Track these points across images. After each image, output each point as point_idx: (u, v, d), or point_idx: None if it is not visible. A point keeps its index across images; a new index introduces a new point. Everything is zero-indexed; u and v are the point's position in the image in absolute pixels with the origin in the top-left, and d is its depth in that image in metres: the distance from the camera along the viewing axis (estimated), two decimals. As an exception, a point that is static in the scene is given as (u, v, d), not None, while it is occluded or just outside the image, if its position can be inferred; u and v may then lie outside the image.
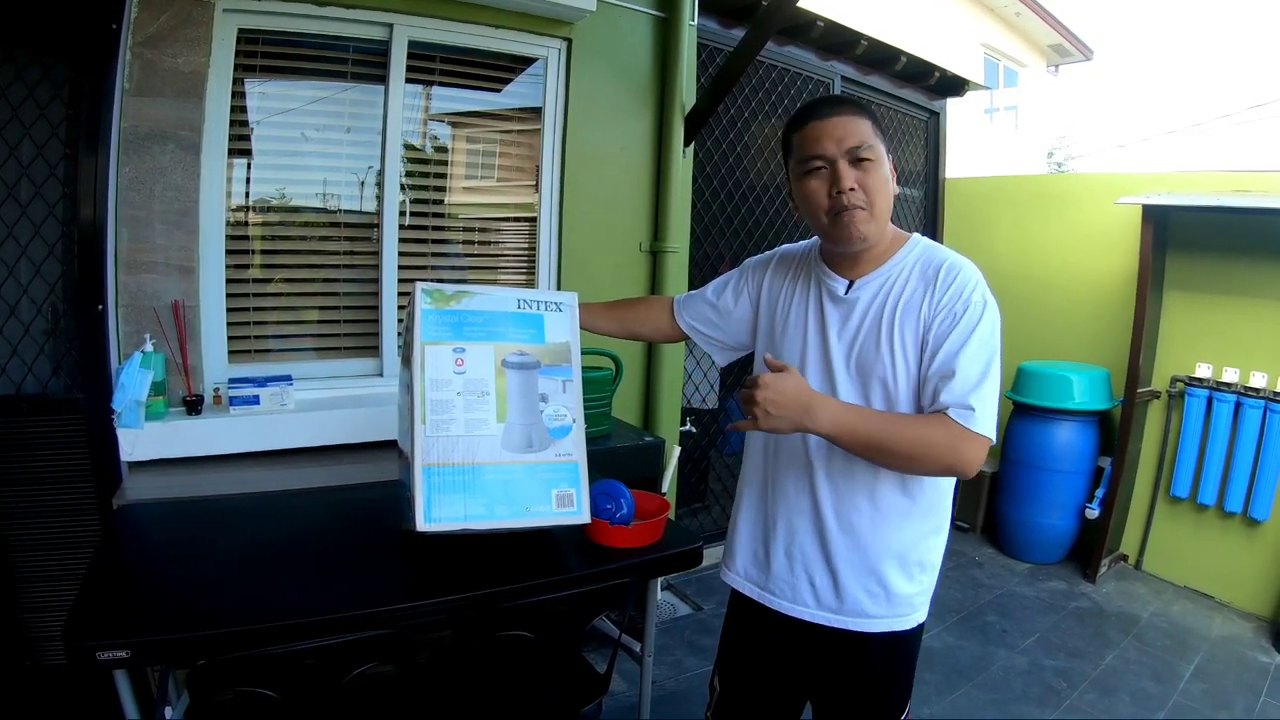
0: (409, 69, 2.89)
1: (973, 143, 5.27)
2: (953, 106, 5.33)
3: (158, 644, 1.40)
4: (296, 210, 2.88)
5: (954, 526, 4.82)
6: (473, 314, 1.74)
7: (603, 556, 1.81)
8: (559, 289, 3.22)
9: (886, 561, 1.55)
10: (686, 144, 3.43)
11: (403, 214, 2.97)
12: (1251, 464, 3.97)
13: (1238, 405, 4.02)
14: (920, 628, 1.63)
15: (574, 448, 1.78)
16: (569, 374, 1.81)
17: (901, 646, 1.61)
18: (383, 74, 2.85)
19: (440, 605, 1.62)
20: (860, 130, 1.46)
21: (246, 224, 2.78)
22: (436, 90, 3.07)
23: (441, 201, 3.12)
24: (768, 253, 1.79)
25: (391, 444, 2.04)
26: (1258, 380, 3.96)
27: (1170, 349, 4.32)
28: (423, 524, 1.61)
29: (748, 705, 1.78)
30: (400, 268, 2.96)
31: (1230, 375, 4.05)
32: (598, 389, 2.75)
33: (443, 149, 3.16)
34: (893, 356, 1.49)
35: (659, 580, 2.57)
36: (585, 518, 1.78)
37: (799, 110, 1.55)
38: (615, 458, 2.71)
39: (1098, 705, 3.12)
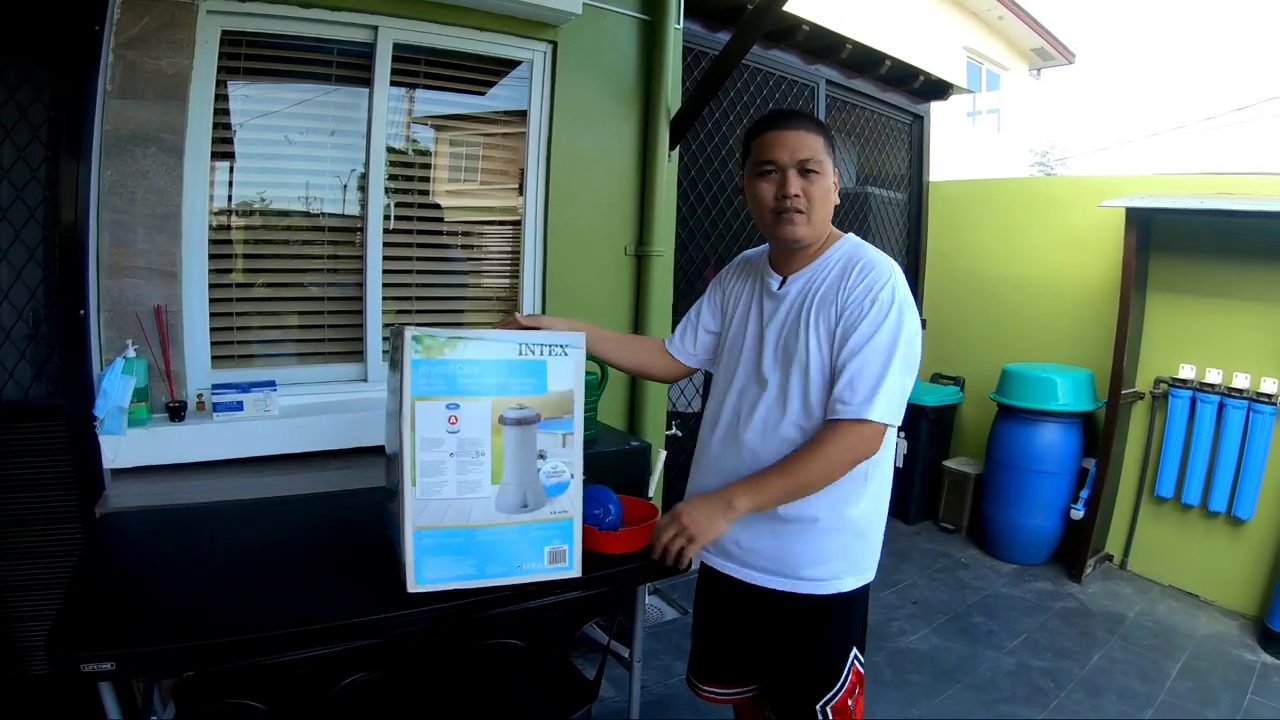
0: (394, 71, 2.87)
1: (955, 146, 5.29)
2: (936, 110, 5.36)
3: (143, 655, 1.38)
4: (280, 214, 2.85)
5: (939, 528, 4.87)
6: (468, 364, 1.59)
7: (592, 563, 1.78)
8: (544, 292, 3.21)
9: (810, 530, 1.74)
10: (672, 148, 3.43)
11: (387, 217, 2.94)
12: (1235, 464, 3.99)
13: (1221, 406, 4.04)
14: (837, 600, 1.78)
15: (570, 504, 1.72)
16: (570, 427, 1.69)
17: (814, 609, 1.77)
18: (367, 76, 2.83)
19: (429, 613, 1.60)
20: (812, 145, 1.67)
21: (230, 228, 2.75)
22: (421, 93, 3.05)
23: (426, 205, 3.10)
24: (728, 268, 2.01)
25: (377, 450, 2.02)
26: (1241, 381, 3.98)
27: (1153, 350, 4.35)
28: (413, 586, 1.59)
29: (711, 655, 2.02)
30: (385, 271, 2.94)
31: (1213, 376, 4.08)
32: (587, 394, 2.73)
33: (427, 152, 3.14)
34: (809, 345, 1.69)
35: (646, 585, 2.55)
36: (576, 572, 1.74)
37: (760, 119, 1.76)
38: (602, 462, 2.69)
39: (1085, 705, 3.13)
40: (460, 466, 1.60)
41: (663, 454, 3.10)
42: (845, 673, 1.81)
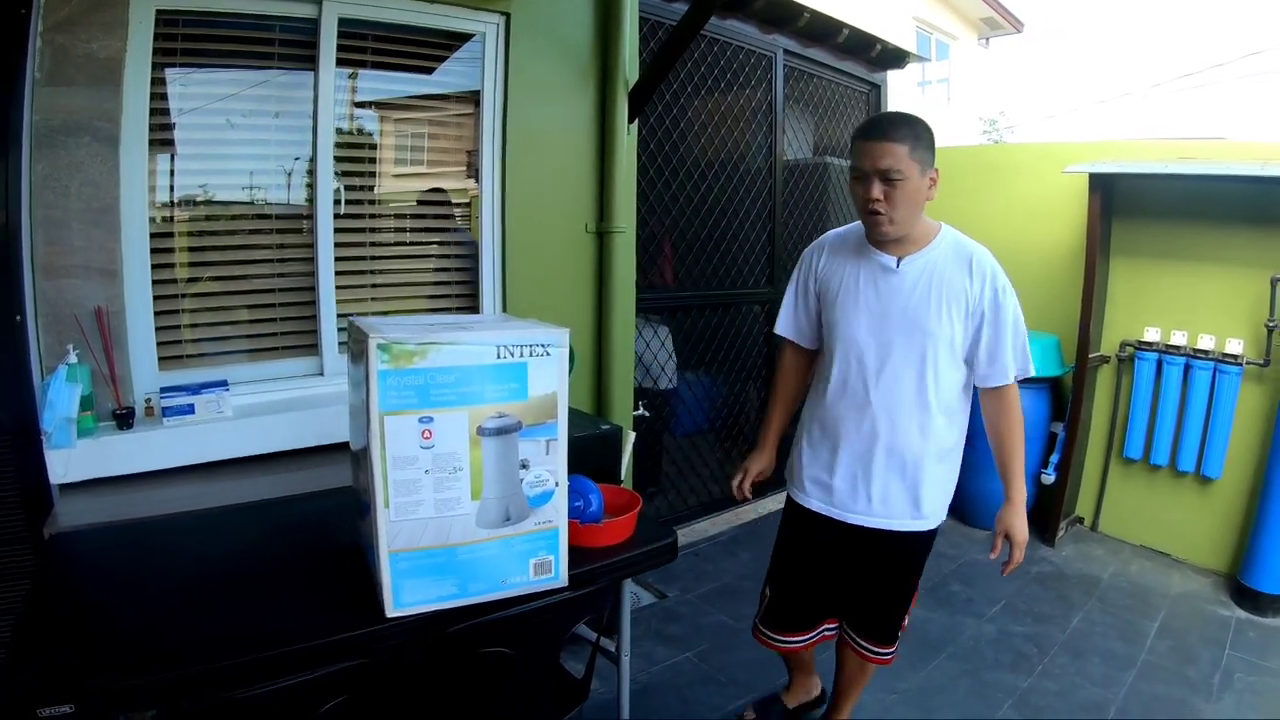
0: (340, 49, 2.71)
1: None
2: (891, 79, 5.30)
3: (106, 693, 1.26)
4: (225, 203, 2.69)
5: None
6: (441, 372, 1.46)
7: (576, 558, 1.70)
8: (504, 274, 3.09)
9: (935, 475, 2.14)
10: (631, 120, 3.32)
11: (337, 203, 2.80)
12: (1203, 424, 4.02)
13: (1187, 367, 4.06)
14: (934, 532, 2.23)
15: (555, 513, 1.63)
16: (553, 432, 1.60)
17: (921, 542, 2.23)
18: (312, 55, 2.67)
19: (410, 627, 1.51)
20: (895, 155, 1.89)
21: (172, 220, 2.58)
22: (370, 73, 2.89)
23: (376, 189, 2.97)
24: (808, 249, 2.28)
25: (338, 447, 1.90)
26: (1206, 342, 4.00)
27: (1118, 314, 4.35)
28: (391, 610, 1.49)
29: (794, 605, 2.35)
30: (337, 259, 2.79)
31: (1179, 338, 4.09)
32: None
33: (378, 135, 3.00)
34: (940, 318, 2.01)
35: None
36: (563, 582, 1.66)
37: (867, 123, 2.01)
38: (573, 448, 2.55)
39: (1070, 668, 3.13)
40: (437, 484, 1.50)
41: (632, 435, 3.01)
42: (919, 581, 2.34)
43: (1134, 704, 2.93)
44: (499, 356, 1.52)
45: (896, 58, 5.02)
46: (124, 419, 2.27)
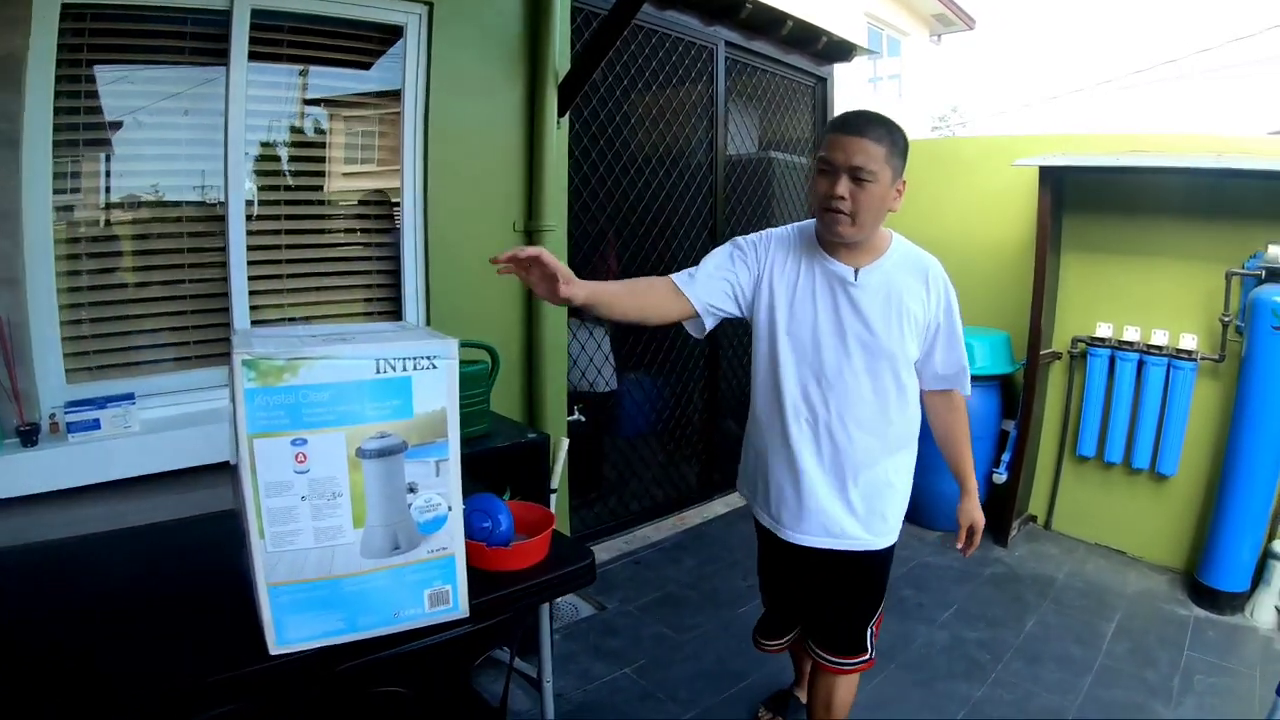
0: (253, 43, 2.54)
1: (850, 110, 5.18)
2: (839, 73, 5.20)
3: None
4: (134, 206, 2.51)
5: None
6: (315, 390, 1.32)
7: (483, 585, 1.55)
8: (427, 275, 2.93)
9: (892, 494, 2.05)
10: (561, 114, 3.18)
11: (250, 204, 2.63)
12: (1157, 420, 3.97)
13: (1140, 363, 4.01)
14: (893, 547, 2.14)
15: (450, 539, 1.48)
16: (444, 452, 1.44)
17: (890, 556, 2.16)
18: (224, 48, 2.50)
19: (293, 667, 1.35)
20: (870, 154, 1.76)
21: (79, 224, 2.40)
22: (286, 69, 2.72)
23: (296, 189, 2.79)
24: (758, 234, 2.05)
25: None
26: (1159, 338, 3.95)
27: (1069, 310, 4.29)
28: (275, 648, 1.34)
29: (783, 614, 2.36)
30: (250, 263, 2.62)
31: (1131, 334, 4.04)
32: (473, 384, 2.46)
33: (296, 133, 2.81)
34: (901, 336, 1.92)
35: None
36: (463, 612, 1.51)
37: (842, 116, 1.86)
38: (496, 460, 2.43)
39: (1025, 674, 3.03)
40: (315, 511, 1.34)
41: (565, 442, 2.85)
42: (883, 595, 2.22)
43: (1092, 710, 2.84)
44: (379, 371, 1.37)
45: (843, 50, 4.92)
46: (28, 436, 2.11)
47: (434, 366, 1.41)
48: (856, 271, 1.91)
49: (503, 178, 3.12)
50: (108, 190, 2.47)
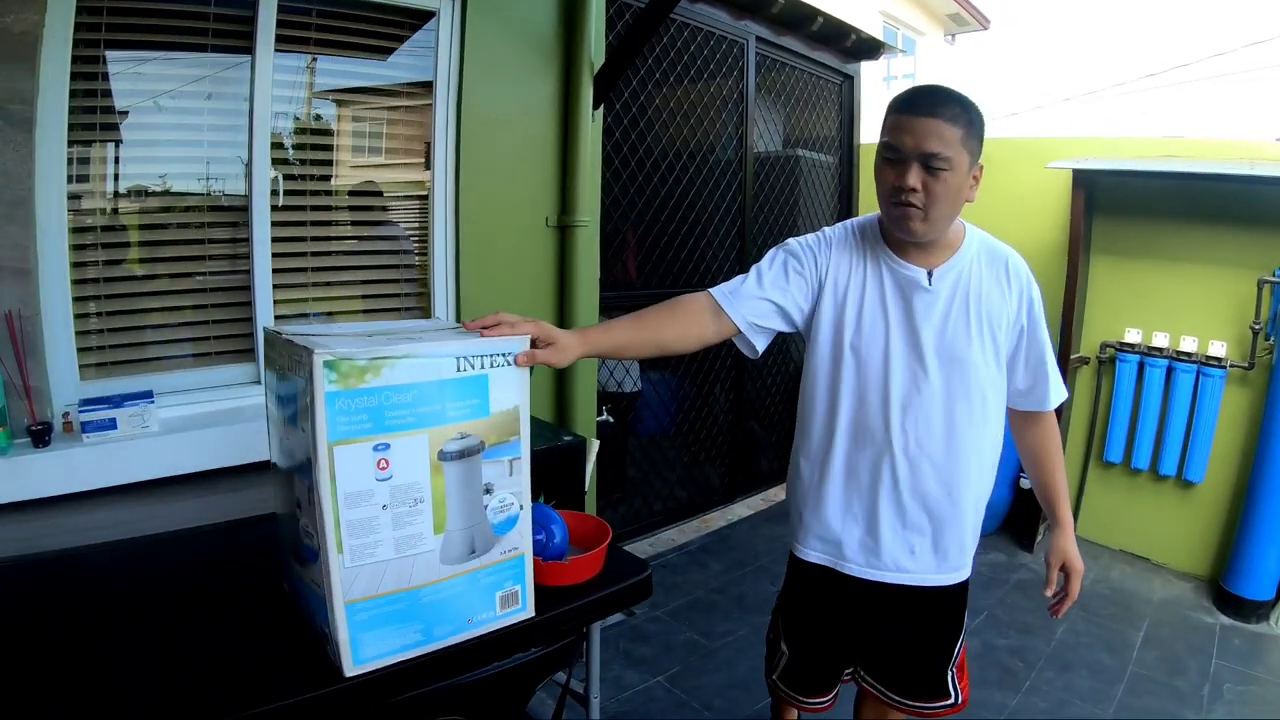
0: (280, 31, 2.47)
1: (872, 110, 5.10)
2: (864, 71, 5.16)
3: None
4: (153, 195, 2.43)
5: None
6: (397, 390, 1.26)
7: (541, 601, 1.50)
8: (457, 271, 2.87)
9: (966, 525, 1.75)
10: (596, 106, 3.13)
11: (275, 195, 2.56)
12: (1185, 427, 3.94)
13: (1170, 369, 3.97)
14: (968, 580, 1.85)
15: (520, 539, 1.45)
16: (517, 451, 1.41)
17: (964, 591, 1.85)
18: (249, 31, 2.42)
19: (368, 684, 1.30)
20: (944, 138, 1.51)
21: (95, 213, 2.32)
22: (316, 56, 2.65)
23: (322, 180, 2.73)
24: (812, 236, 1.76)
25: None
26: (1188, 344, 3.91)
27: (1098, 315, 4.25)
28: (351, 669, 1.29)
29: (815, 662, 1.93)
30: (275, 256, 2.55)
31: (1160, 340, 4.00)
32: None
33: (323, 124, 2.75)
34: (983, 345, 1.66)
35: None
36: (530, 612, 1.49)
37: (902, 94, 1.61)
38: (533, 463, 2.34)
39: (1057, 682, 3.01)
40: (396, 520, 1.29)
41: (595, 444, 2.81)
42: (961, 633, 1.90)
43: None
44: (459, 369, 1.33)
45: (870, 48, 4.87)
46: (40, 436, 2.00)
47: (509, 363, 1.39)
48: (930, 273, 1.65)
49: (536, 170, 3.07)
50: (122, 178, 2.39)
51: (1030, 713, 2.82)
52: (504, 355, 1.38)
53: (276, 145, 2.58)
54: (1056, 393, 1.74)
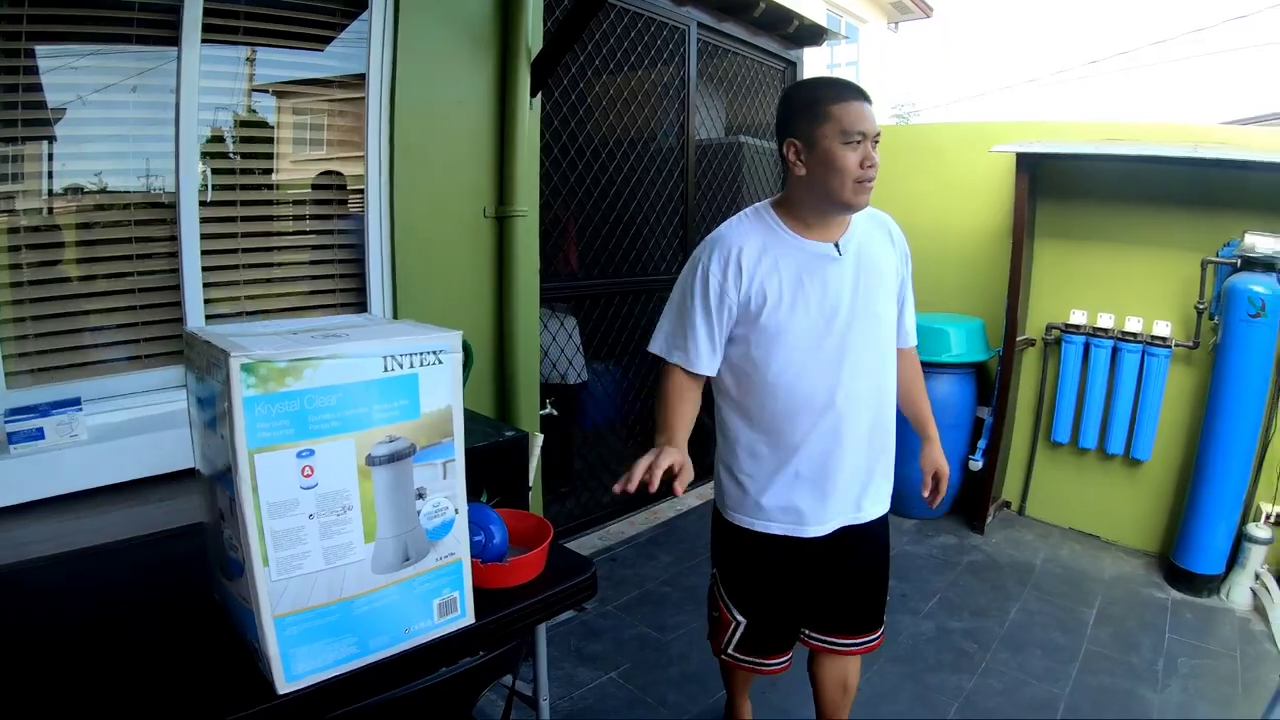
0: (207, 20, 2.36)
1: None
2: (806, 57, 5.13)
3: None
4: (80, 194, 2.32)
5: None
6: (321, 393, 1.19)
7: (481, 605, 1.44)
8: (393, 266, 2.78)
9: (891, 460, 2.04)
10: (534, 94, 3.05)
11: (204, 192, 2.44)
12: (1131, 407, 3.98)
13: (1115, 350, 4.00)
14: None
15: (457, 544, 1.39)
16: (450, 452, 1.35)
17: (887, 525, 2.14)
18: (175, 21, 2.31)
19: (302, 700, 1.23)
20: (877, 120, 1.76)
21: (17, 215, 2.19)
22: (243, 50, 2.54)
23: (253, 175, 2.63)
24: (715, 250, 1.86)
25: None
26: (1134, 325, 3.95)
27: (1043, 297, 4.28)
28: (284, 686, 1.22)
29: (775, 624, 2.10)
30: (205, 254, 2.44)
31: (1106, 321, 4.02)
32: None
33: (254, 117, 2.64)
34: (884, 299, 1.92)
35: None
36: (470, 619, 1.43)
37: (836, 85, 1.79)
38: (474, 460, 2.26)
39: (1012, 663, 3.00)
40: (324, 529, 1.22)
41: (539, 438, 2.74)
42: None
43: (1082, 698, 2.81)
44: (387, 369, 1.26)
45: (813, 34, 4.84)
46: None
47: (440, 361, 1.32)
48: (837, 245, 1.84)
49: (473, 160, 2.98)
50: (49, 178, 2.27)
51: (987, 695, 2.81)
52: (434, 353, 1.31)
53: (208, 140, 2.47)
54: (913, 331, 2.12)
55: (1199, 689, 2.91)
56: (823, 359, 1.84)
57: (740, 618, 2.08)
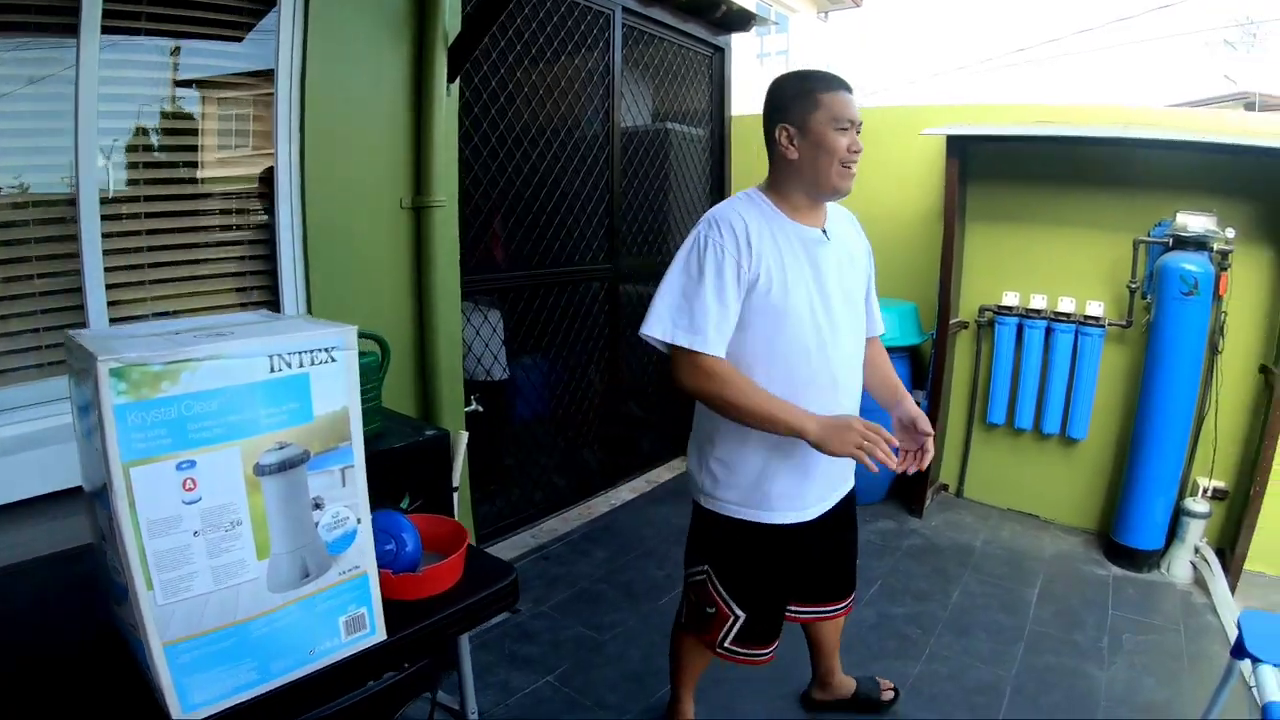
0: (109, 6, 2.20)
1: (745, 87, 5.04)
2: (735, 43, 5.06)
3: None
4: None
5: None
6: (201, 398, 1.09)
7: (395, 618, 1.34)
8: (306, 262, 2.64)
9: None
10: (451, 80, 2.93)
11: (106, 190, 2.29)
12: (1066, 386, 4.01)
13: (1049, 330, 4.02)
14: None
15: (361, 555, 1.29)
16: (349, 457, 1.25)
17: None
18: (74, 8, 2.14)
19: None
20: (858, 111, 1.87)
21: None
22: (149, 41, 2.38)
23: (158, 169, 2.46)
24: (723, 227, 1.84)
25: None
26: (1066, 305, 3.97)
27: (975, 279, 4.27)
28: (179, 716, 1.11)
29: (774, 612, 2.14)
30: (107, 253, 2.28)
31: (1039, 302, 4.04)
32: (364, 379, 2.14)
33: (158, 112, 2.47)
34: (862, 282, 2.08)
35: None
36: (381, 635, 1.33)
37: (825, 76, 1.90)
38: (393, 462, 2.16)
39: (957, 647, 2.98)
40: (211, 547, 1.12)
41: (464, 436, 2.63)
42: None
43: (1028, 679, 2.80)
44: (273, 370, 1.16)
45: (741, 20, 4.76)
46: None
47: (333, 359, 1.22)
48: (824, 230, 1.94)
49: (389, 149, 2.84)
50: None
51: (933, 681, 2.78)
52: (326, 350, 1.21)
53: (111, 135, 2.32)
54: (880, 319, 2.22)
55: (1145, 664, 2.91)
56: (820, 340, 1.89)
57: (740, 611, 2.08)
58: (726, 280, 1.79)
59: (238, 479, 1.13)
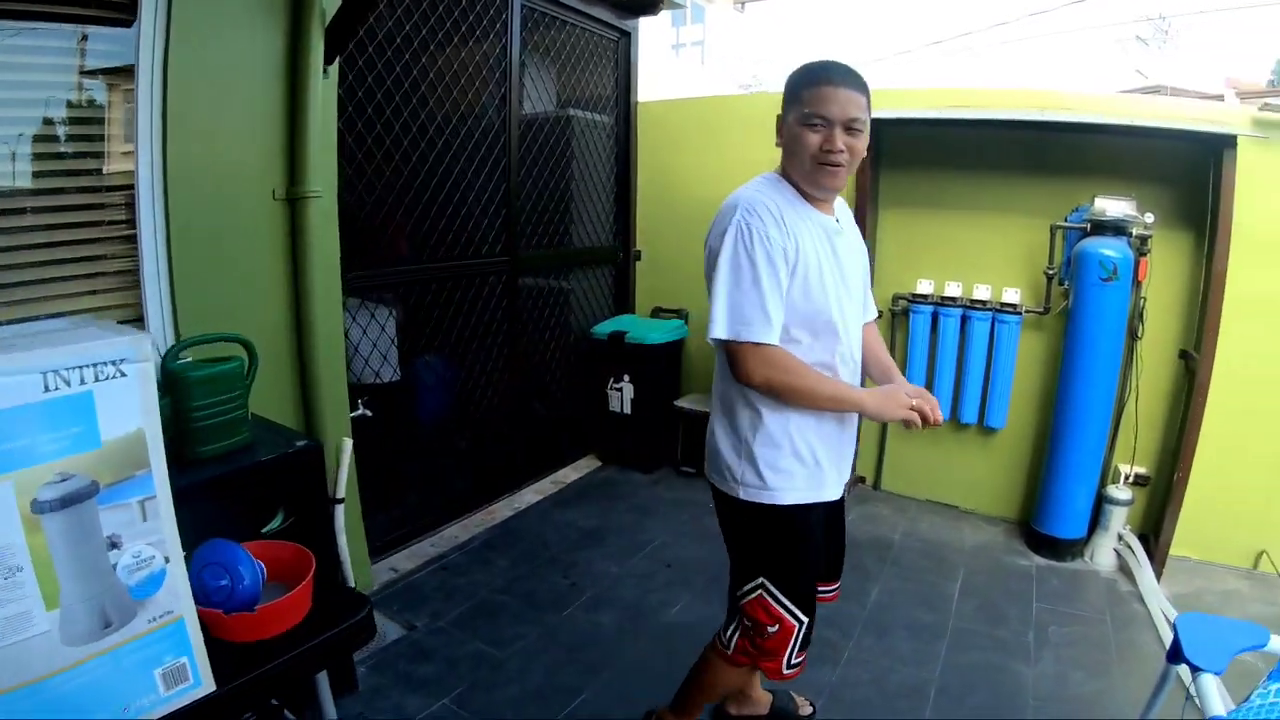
0: None
1: (659, 77, 4.89)
2: (642, 30, 4.91)
3: None
4: None
5: (678, 473, 4.58)
6: None
7: (229, 664, 1.17)
8: (169, 259, 2.38)
9: None
10: (329, 61, 2.70)
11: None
12: (983, 375, 3.96)
13: (964, 319, 3.96)
14: None
15: (173, 599, 1.12)
16: (149, 488, 1.08)
17: None
18: None
19: None
20: (859, 105, 1.78)
21: None
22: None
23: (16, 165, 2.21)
24: (760, 211, 1.80)
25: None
26: (982, 292, 3.92)
27: (889, 268, 4.20)
28: None
29: (814, 606, 2.06)
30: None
31: (953, 289, 3.99)
32: (226, 386, 1.93)
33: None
34: (866, 269, 2.08)
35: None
36: (209, 686, 1.15)
37: (814, 68, 1.83)
38: (262, 477, 1.95)
39: (878, 649, 2.89)
40: None
41: (349, 443, 2.41)
42: None
43: (953, 679, 2.73)
44: (48, 388, 0.98)
45: (648, 4, 4.60)
46: None
47: (123, 374, 1.03)
48: (837, 219, 1.94)
49: (259, 137, 2.60)
50: None
51: (853, 687, 2.67)
52: (114, 364, 1.02)
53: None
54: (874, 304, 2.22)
55: (1072, 657, 2.87)
56: (845, 324, 1.91)
57: (803, 617, 2.01)
58: (777, 266, 1.78)
59: (13, 517, 0.96)
